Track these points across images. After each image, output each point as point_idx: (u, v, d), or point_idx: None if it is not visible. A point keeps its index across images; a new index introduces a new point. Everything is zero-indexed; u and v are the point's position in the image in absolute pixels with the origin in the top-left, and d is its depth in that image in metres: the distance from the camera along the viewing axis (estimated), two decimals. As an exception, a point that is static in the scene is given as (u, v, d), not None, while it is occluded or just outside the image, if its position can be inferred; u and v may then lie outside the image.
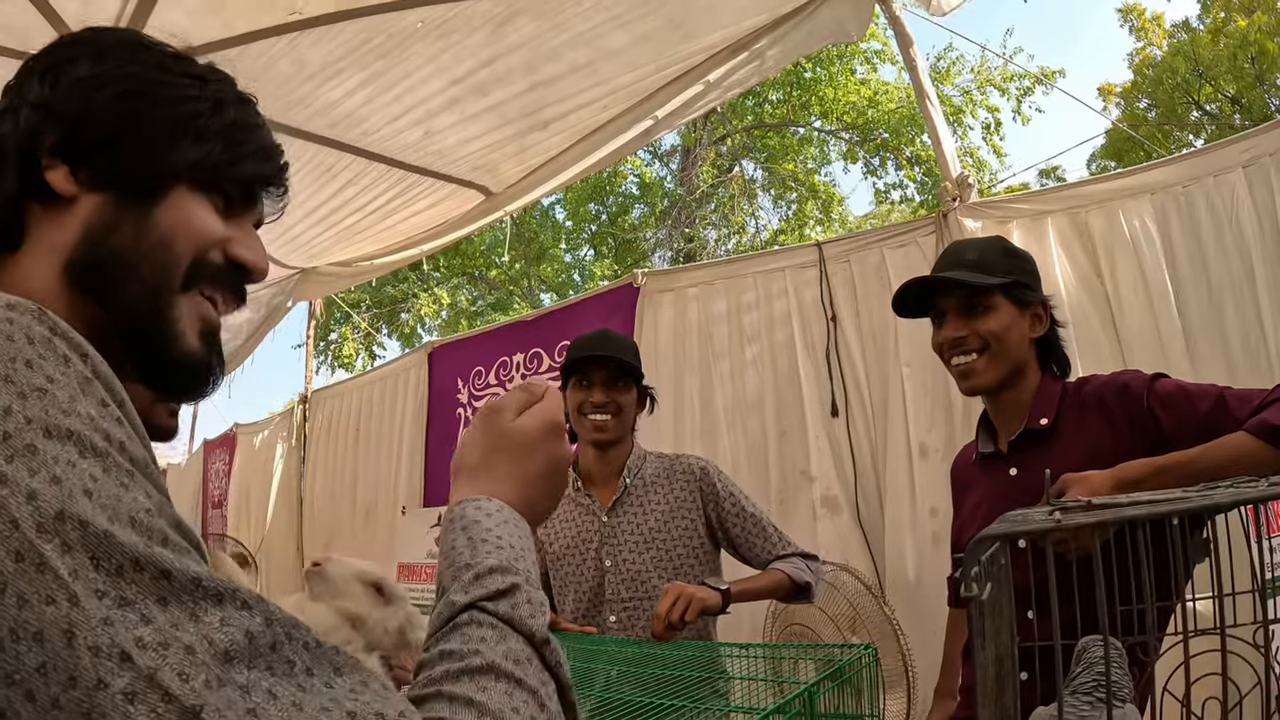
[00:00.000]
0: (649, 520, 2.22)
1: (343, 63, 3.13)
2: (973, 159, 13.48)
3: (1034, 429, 1.68)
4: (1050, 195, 3.00)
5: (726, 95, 3.66)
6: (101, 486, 0.50)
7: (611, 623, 2.18)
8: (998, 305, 1.69)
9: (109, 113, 0.75)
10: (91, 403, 0.54)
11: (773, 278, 3.59)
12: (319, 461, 6.20)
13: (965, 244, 1.83)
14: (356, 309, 14.53)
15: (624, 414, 2.24)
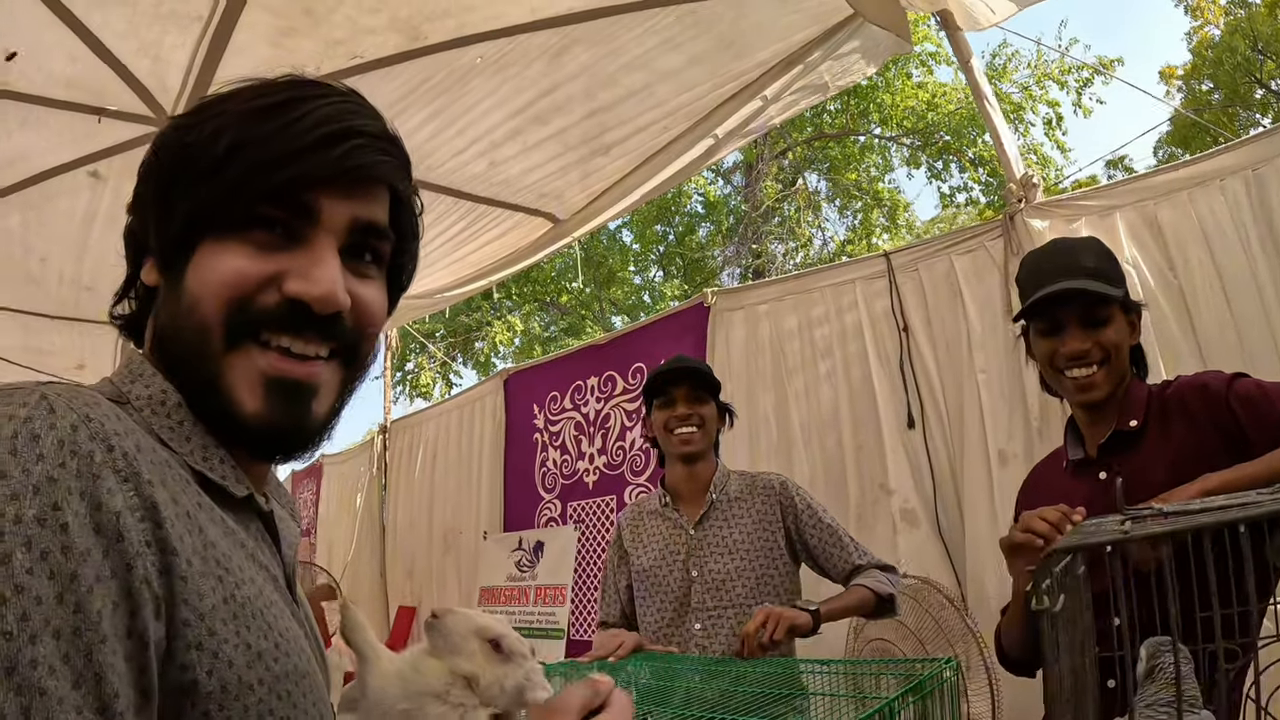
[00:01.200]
0: (734, 533, 2.28)
1: (406, 101, 3.22)
2: (1036, 156, 13.14)
3: (1124, 430, 1.63)
4: (1117, 189, 2.91)
5: (789, 112, 3.65)
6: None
7: (696, 630, 2.24)
8: (1115, 316, 1.66)
9: (147, 195, 0.75)
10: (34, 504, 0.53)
11: (842, 290, 3.56)
12: (399, 489, 6.33)
13: (1076, 249, 1.77)
14: (431, 339, 14.82)
15: (707, 426, 2.34)
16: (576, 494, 4.69)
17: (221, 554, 0.65)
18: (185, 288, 0.70)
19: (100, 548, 0.54)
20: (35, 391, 0.57)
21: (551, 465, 4.90)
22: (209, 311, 0.70)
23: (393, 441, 6.54)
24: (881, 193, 14.82)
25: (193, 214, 0.71)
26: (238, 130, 0.71)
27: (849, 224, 15.22)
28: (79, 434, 0.56)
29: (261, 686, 0.64)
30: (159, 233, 0.73)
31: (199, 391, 0.71)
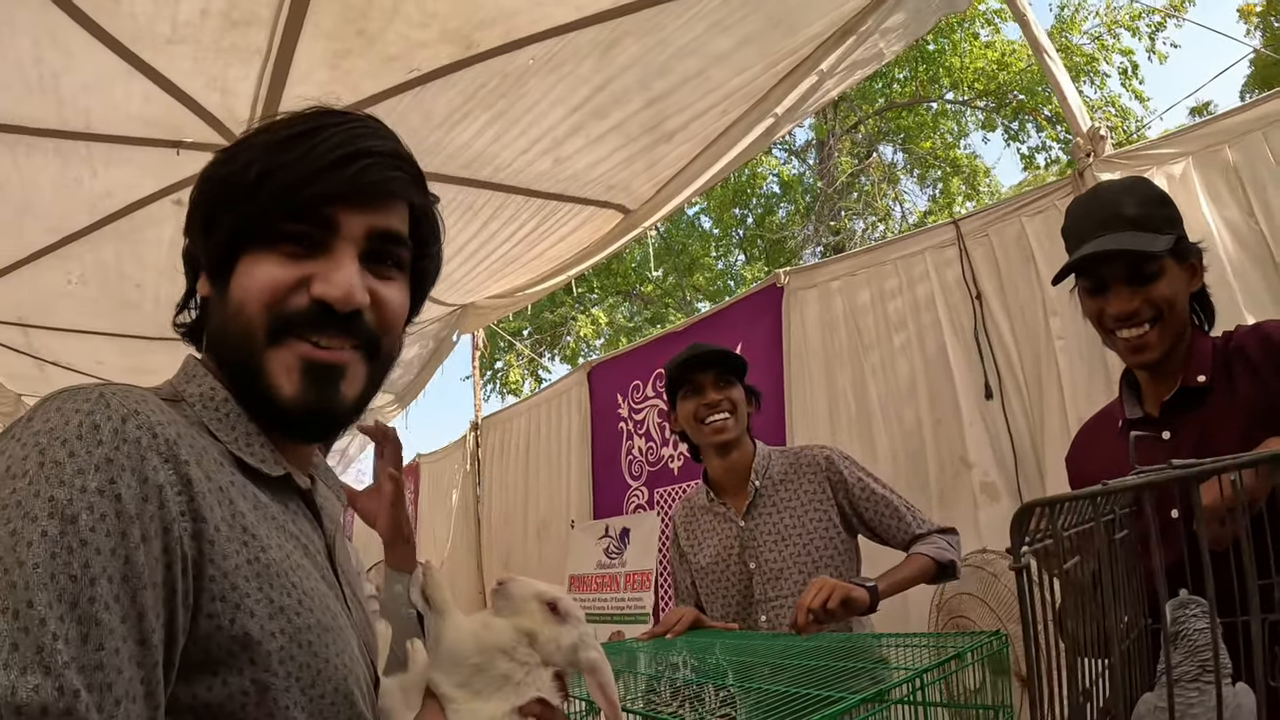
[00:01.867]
0: (784, 518, 2.22)
1: (466, 107, 3.29)
2: (1114, 108, 12.50)
3: (1191, 387, 1.52)
4: (1187, 135, 2.75)
5: (846, 83, 3.59)
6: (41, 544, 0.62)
7: (762, 623, 2.20)
8: (1166, 267, 1.52)
9: (195, 225, 0.90)
10: (96, 479, 0.67)
11: (913, 261, 3.49)
12: (493, 485, 6.49)
13: (1118, 195, 1.60)
14: (518, 336, 15.08)
15: (739, 410, 2.25)
16: (663, 480, 4.73)
17: (249, 523, 0.78)
18: (231, 295, 0.85)
19: (146, 514, 0.68)
20: (95, 390, 0.72)
21: (637, 453, 4.96)
22: (252, 313, 0.83)
23: (484, 438, 6.70)
24: (959, 159, 14.35)
25: (233, 232, 0.85)
26: (264, 159, 0.84)
27: (929, 194, 14.81)
28: (128, 424, 0.70)
29: (283, 635, 0.75)
30: (207, 250, 0.88)
31: (246, 381, 0.85)
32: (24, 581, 0.60)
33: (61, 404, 0.71)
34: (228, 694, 0.72)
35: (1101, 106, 12.45)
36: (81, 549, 0.63)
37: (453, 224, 4.36)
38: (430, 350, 6.91)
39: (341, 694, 0.80)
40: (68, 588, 0.62)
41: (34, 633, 0.59)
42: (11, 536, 0.62)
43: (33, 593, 0.60)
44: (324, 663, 0.78)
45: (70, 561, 0.62)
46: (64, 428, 0.68)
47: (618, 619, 4.53)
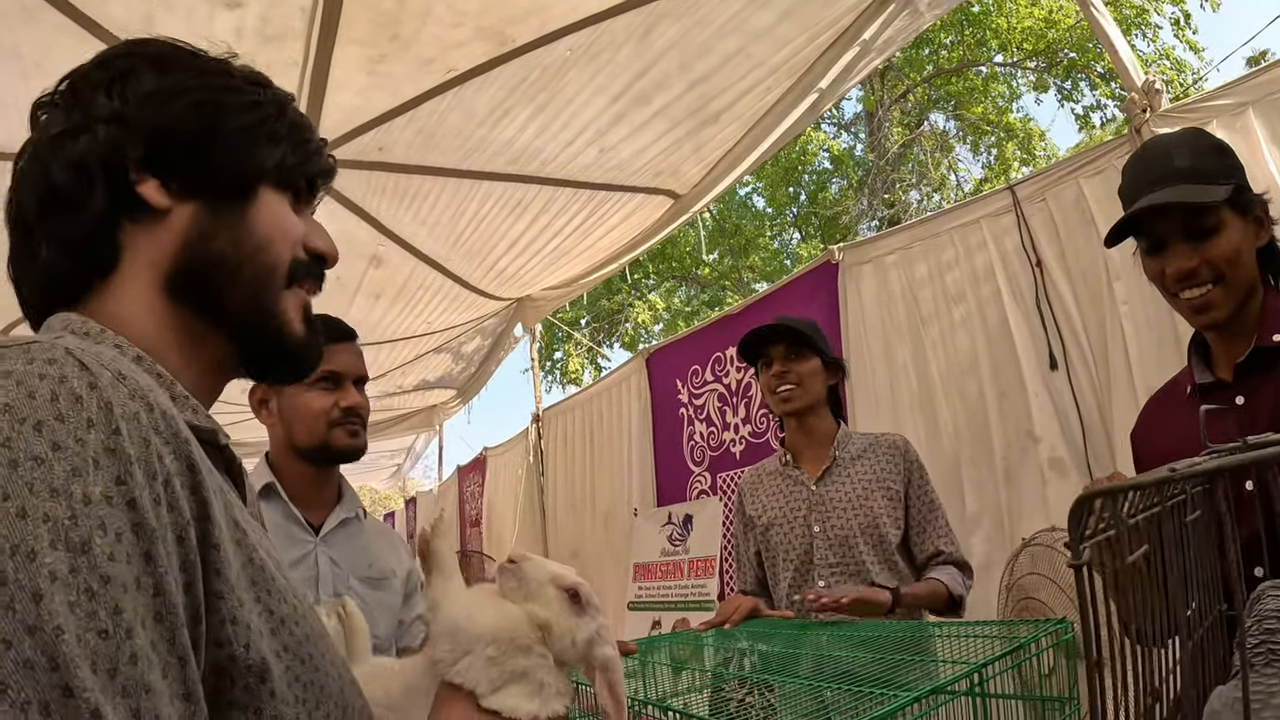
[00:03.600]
0: (856, 488, 2.26)
1: (507, 103, 3.30)
2: (1169, 60, 11.97)
3: (1266, 347, 1.42)
4: (1248, 83, 2.59)
5: (888, 51, 3.51)
6: (54, 595, 0.45)
7: (820, 587, 2.23)
8: (1226, 221, 1.42)
9: (190, 123, 0.75)
10: (100, 480, 0.49)
11: (969, 231, 3.39)
12: (558, 475, 6.53)
13: (1170, 147, 1.51)
14: (576, 326, 15.15)
15: (806, 382, 2.31)
16: (725, 465, 4.71)
17: (238, 515, 0.64)
18: (250, 228, 0.77)
19: (162, 521, 0.52)
20: (57, 346, 0.54)
21: (699, 438, 4.94)
22: (280, 251, 0.79)
23: (546, 430, 6.75)
24: (1013, 124, 13.94)
25: (262, 164, 0.79)
26: (294, 113, 0.85)
27: (983, 161, 14.42)
28: (118, 392, 0.53)
29: (287, 654, 0.63)
30: (204, 161, 0.76)
31: (250, 318, 0.78)
32: (47, 658, 0.43)
33: (11, 366, 0.51)
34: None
35: (1155, 60, 11.96)
36: (105, 590, 0.46)
37: (504, 219, 4.40)
38: (490, 345, 6.98)
39: (339, 705, 0.68)
40: (101, 650, 0.45)
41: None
42: (2, 589, 0.43)
43: (67, 673, 0.43)
44: (323, 675, 0.67)
45: (96, 611, 0.46)
46: (31, 405, 0.49)
47: (682, 606, 4.53)
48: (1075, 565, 0.62)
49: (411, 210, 4.16)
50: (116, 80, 0.75)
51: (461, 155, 3.65)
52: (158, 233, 0.74)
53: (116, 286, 0.73)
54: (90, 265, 0.73)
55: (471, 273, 5.11)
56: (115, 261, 0.73)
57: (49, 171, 0.71)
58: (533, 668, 0.82)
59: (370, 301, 5.23)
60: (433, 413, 8.56)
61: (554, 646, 0.85)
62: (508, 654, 0.81)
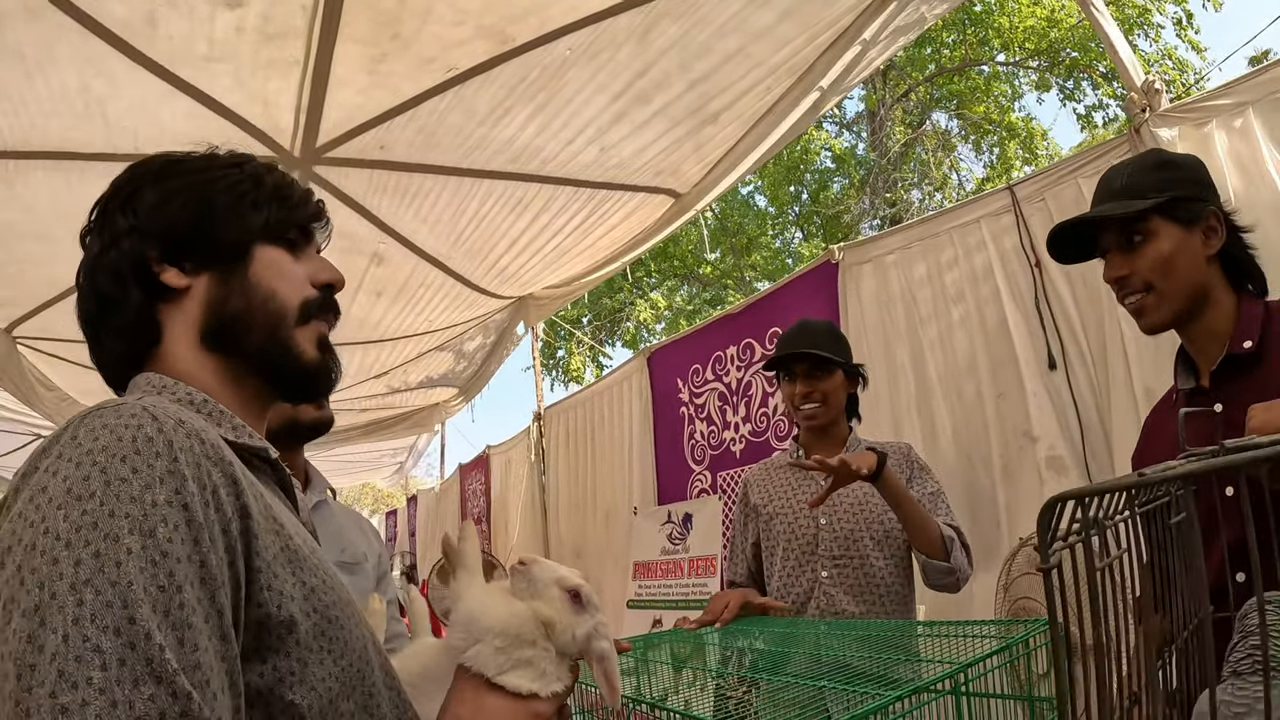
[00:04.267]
0: (864, 488, 2.29)
1: (508, 102, 3.30)
2: (1171, 60, 11.95)
3: (1237, 354, 1.46)
4: (1247, 83, 2.59)
5: (889, 50, 3.50)
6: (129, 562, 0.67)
7: (823, 577, 2.28)
8: (1157, 231, 1.49)
9: (184, 216, 0.97)
10: (163, 491, 0.72)
11: (968, 230, 3.39)
12: (560, 473, 6.54)
13: (1116, 170, 1.61)
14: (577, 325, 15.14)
15: (830, 399, 2.38)
16: (725, 464, 4.72)
17: (276, 513, 0.85)
18: (253, 282, 0.98)
19: (209, 518, 0.73)
20: (137, 405, 0.76)
21: (699, 437, 4.94)
22: (286, 298, 0.99)
23: (548, 428, 6.76)
24: (1015, 123, 13.91)
25: (250, 229, 0.99)
26: (273, 177, 1.04)
27: (985, 161, 14.39)
28: (178, 433, 0.76)
29: (315, 614, 0.82)
30: (205, 242, 0.97)
31: (269, 354, 0.97)
32: (121, 599, 0.65)
33: (105, 420, 0.75)
34: (277, 677, 0.77)
35: (1158, 60, 11.94)
36: (164, 560, 0.69)
37: (504, 218, 4.40)
38: (492, 343, 6.99)
39: (362, 659, 0.87)
40: (159, 599, 0.67)
41: (140, 647, 0.64)
42: (97, 559, 0.66)
43: (133, 609, 0.65)
44: (346, 633, 0.85)
45: (157, 574, 0.68)
46: (119, 444, 0.72)
47: (683, 605, 4.54)
48: (1044, 570, 0.62)
49: (413, 208, 4.17)
50: (127, 201, 0.98)
51: (462, 154, 3.66)
52: (186, 305, 0.97)
53: (168, 350, 0.96)
54: (142, 341, 0.96)
55: (473, 271, 5.11)
56: (159, 333, 0.96)
57: (97, 283, 0.96)
58: (536, 657, 0.96)
59: (372, 299, 5.24)
60: (435, 411, 8.57)
61: (556, 640, 0.98)
62: (513, 645, 0.95)
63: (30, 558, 0.68)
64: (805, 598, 2.28)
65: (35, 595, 0.66)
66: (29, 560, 0.67)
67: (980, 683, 1.16)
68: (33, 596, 0.66)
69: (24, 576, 0.67)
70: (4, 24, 2.37)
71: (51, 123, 2.85)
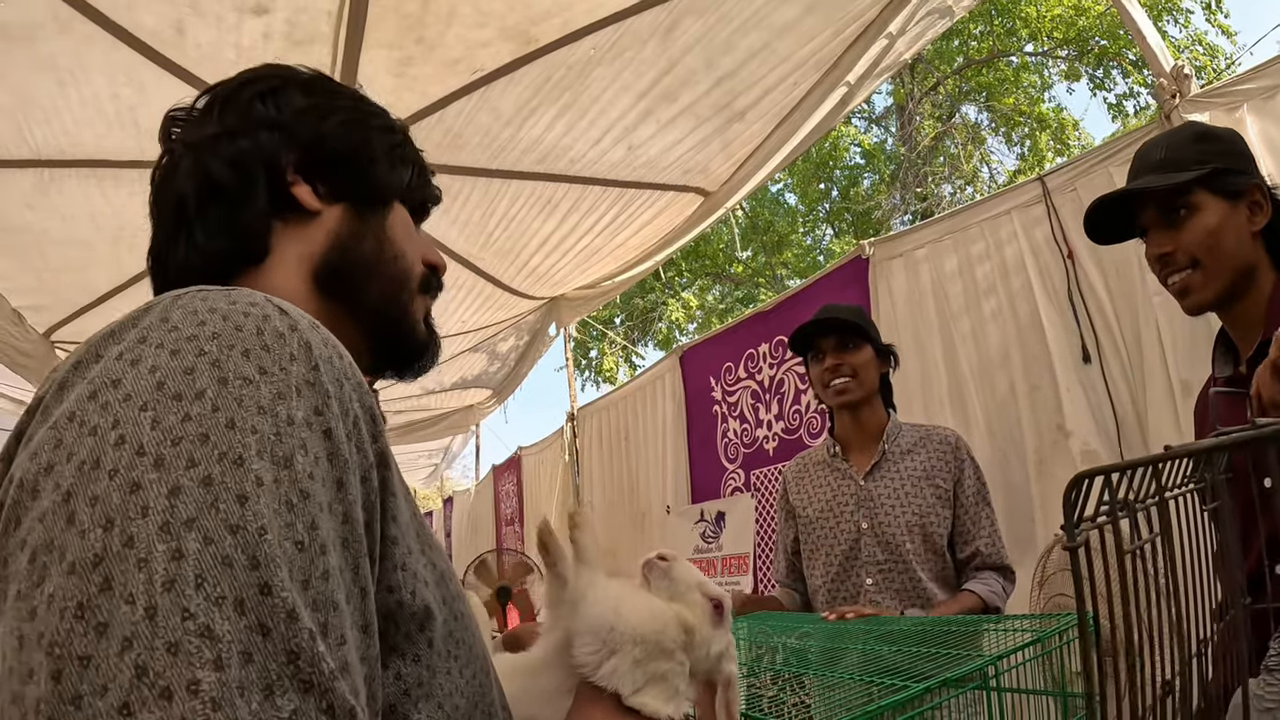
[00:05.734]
0: (905, 485, 2.23)
1: (534, 103, 3.31)
2: (1201, 45, 11.70)
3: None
4: (1278, 66, 2.52)
5: (918, 45, 3.47)
6: (259, 499, 0.46)
7: (868, 584, 2.20)
8: (1202, 204, 1.42)
9: (341, 136, 0.84)
10: (301, 406, 0.51)
11: (999, 223, 3.34)
12: (594, 473, 6.54)
13: (1152, 144, 1.54)
14: (610, 325, 15.16)
15: (860, 374, 2.28)
16: (758, 461, 4.70)
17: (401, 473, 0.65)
18: (389, 235, 0.87)
19: (351, 456, 0.53)
20: (257, 293, 0.57)
21: (732, 435, 4.93)
22: (412, 263, 0.88)
23: (581, 428, 6.77)
24: (1045, 114, 13.71)
25: (398, 181, 0.90)
26: (414, 144, 0.96)
27: (1017, 153, 14.20)
28: (316, 336, 0.56)
29: (445, 607, 0.63)
30: (355, 172, 0.85)
31: (388, 315, 0.86)
32: (248, 556, 0.43)
33: (213, 302, 0.54)
34: (403, 689, 0.57)
35: (1188, 46, 11.72)
36: (305, 504, 0.47)
37: (533, 218, 4.42)
38: (525, 344, 7.02)
39: (484, 670, 0.68)
40: (297, 561, 0.45)
41: (280, 632, 0.42)
42: (208, 488, 0.44)
43: (267, 571, 0.43)
44: (473, 636, 0.67)
45: (295, 523, 0.46)
46: (237, 334, 0.51)
47: (716, 603, 4.52)
48: (1070, 549, 0.61)
49: (442, 209, 4.16)
50: (269, 94, 0.83)
51: (490, 155, 3.68)
52: (309, 230, 0.81)
53: (267, 274, 0.79)
54: (246, 253, 0.79)
55: (504, 271, 5.14)
56: (266, 252, 0.79)
57: (209, 166, 0.78)
58: (671, 672, 0.81)
59: (405, 302, 5.26)
60: (469, 413, 8.63)
61: (693, 654, 0.84)
62: (653, 655, 0.80)
63: (90, 480, 0.44)
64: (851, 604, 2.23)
65: (96, 541, 0.42)
66: (87, 483, 0.44)
67: (1011, 677, 1.14)
68: (92, 543, 0.42)
69: (75, 509, 0.43)
70: (36, 36, 2.42)
71: (85, 131, 2.90)
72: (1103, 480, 0.72)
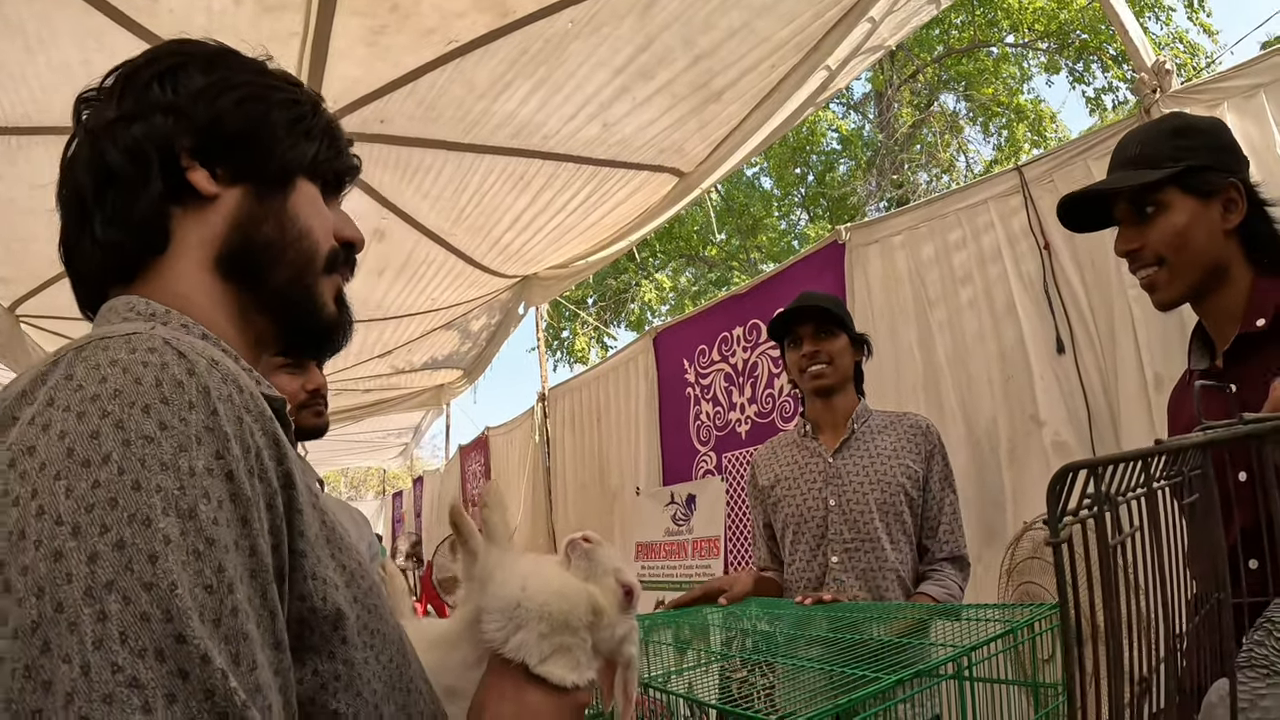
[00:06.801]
0: (874, 462, 2.24)
1: (508, 76, 3.25)
2: (1183, 43, 11.83)
3: (1250, 333, 1.38)
4: (1261, 64, 2.52)
5: (901, 31, 3.44)
6: (168, 556, 0.51)
7: (834, 563, 2.21)
8: (1171, 202, 1.41)
9: (238, 116, 0.81)
10: (202, 454, 0.55)
11: (977, 211, 3.34)
12: (566, 454, 6.51)
13: (1130, 137, 1.52)
14: (583, 305, 15.10)
15: (836, 361, 2.31)
16: (730, 444, 4.69)
17: (309, 480, 0.70)
18: (292, 215, 0.83)
19: (255, 491, 0.58)
20: (155, 336, 0.60)
21: (705, 418, 4.92)
22: (318, 241, 0.85)
23: (552, 409, 6.73)
24: (1023, 105, 13.80)
25: (301, 156, 0.85)
26: (326, 113, 0.91)
27: (994, 143, 14.28)
28: (213, 377, 0.60)
29: (357, 604, 0.68)
30: (252, 152, 0.82)
31: (291, 297, 0.84)
32: (162, 609, 0.49)
33: (114, 354, 0.57)
34: (319, 683, 0.63)
35: (1169, 43, 11.83)
36: (210, 550, 0.53)
37: (505, 194, 4.37)
38: (496, 323, 6.96)
39: (400, 652, 0.74)
40: (208, 604, 0.51)
41: (196, 674, 0.49)
42: (121, 551, 0.50)
43: (180, 622, 0.49)
44: (387, 625, 0.72)
45: (203, 569, 0.52)
46: (137, 389, 0.55)
47: (686, 586, 4.52)
48: (1054, 544, 0.58)
49: (413, 184, 4.12)
50: (168, 74, 0.80)
51: (463, 128, 3.61)
52: (207, 215, 0.80)
53: (169, 265, 0.78)
54: (145, 244, 0.78)
55: (475, 248, 5.07)
56: (167, 241, 0.78)
57: (105, 154, 0.77)
58: (575, 645, 0.87)
59: (374, 277, 5.20)
60: (440, 391, 8.57)
61: (598, 633, 0.89)
62: (558, 630, 0.85)
63: (19, 550, 0.50)
64: (817, 584, 2.23)
65: (32, 608, 0.48)
66: (17, 553, 0.49)
67: (984, 668, 1.13)
68: (29, 610, 0.48)
69: (10, 579, 0.49)
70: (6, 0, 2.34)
71: (54, 98, 2.81)
72: (1086, 473, 0.69)
